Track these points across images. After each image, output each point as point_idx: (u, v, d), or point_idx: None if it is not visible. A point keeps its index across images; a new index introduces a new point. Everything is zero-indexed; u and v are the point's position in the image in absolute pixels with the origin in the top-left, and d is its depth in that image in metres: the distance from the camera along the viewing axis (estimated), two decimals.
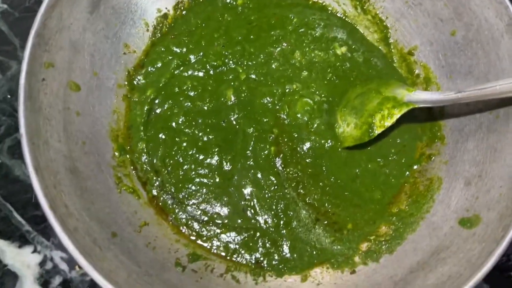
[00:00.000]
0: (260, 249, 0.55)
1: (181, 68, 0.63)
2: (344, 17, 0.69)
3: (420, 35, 0.63)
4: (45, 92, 0.49)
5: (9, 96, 0.68)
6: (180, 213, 0.57)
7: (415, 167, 0.61)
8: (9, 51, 0.71)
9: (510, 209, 0.46)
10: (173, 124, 0.60)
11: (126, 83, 0.61)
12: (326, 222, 0.57)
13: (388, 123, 0.57)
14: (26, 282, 0.59)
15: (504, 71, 0.53)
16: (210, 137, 0.60)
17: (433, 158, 0.60)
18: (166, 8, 0.65)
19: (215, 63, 0.63)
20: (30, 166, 0.44)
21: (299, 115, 0.61)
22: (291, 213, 0.57)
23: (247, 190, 0.58)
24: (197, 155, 0.59)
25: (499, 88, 0.49)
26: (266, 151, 0.59)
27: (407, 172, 0.61)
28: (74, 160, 0.50)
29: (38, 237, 0.62)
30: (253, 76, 0.63)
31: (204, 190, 0.58)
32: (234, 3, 0.67)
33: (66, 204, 0.45)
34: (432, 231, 0.53)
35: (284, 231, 0.56)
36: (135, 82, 0.62)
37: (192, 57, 0.64)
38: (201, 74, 0.63)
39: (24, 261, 0.61)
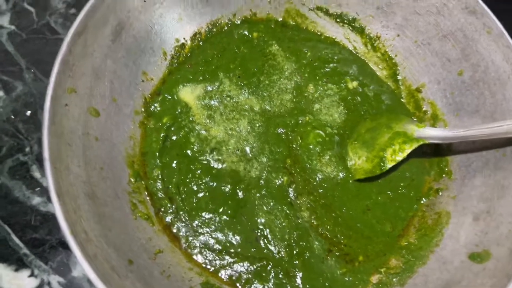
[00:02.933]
0: (273, 279, 0.55)
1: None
2: (355, 53, 0.71)
3: (428, 74, 0.65)
4: (67, 118, 0.50)
5: (12, 117, 0.68)
6: (194, 241, 0.57)
7: (423, 200, 0.62)
8: (15, 72, 0.71)
9: None
10: (188, 151, 0.61)
11: (143, 109, 0.62)
12: (338, 253, 0.57)
13: (399, 157, 0.58)
14: None
15: (510, 111, 0.55)
16: (224, 165, 0.61)
17: (441, 192, 0.61)
18: (184, 39, 0.67)
19: (230, 93, 0.65)
20: (53, 191, 0.44)
21: (311, 146, 0.63)
22: (304, 243, 0.57)
23: (260, 219, 0.58)
24: (211, 183, 0.59)
25: (506, 128, 0.51)
26: (279, 181, 0.60)
27: (415, 206, 0.62)
28: (92, 186, 0.50)
29: (35, 260, 0.60)
30: (267, 107, 0.65)
31: (217, 218, 0.58)
32: (250, 36, 0.69)
33: (85, 230, 0.45)
34: (442, 265, 0.54)
35: (297, 262, 0.56)
36: (151, 109, 0.63)
37: (208, 86, 0.65)
38: (216, 103, 0.64)
39: (20, 285, 0.59)
